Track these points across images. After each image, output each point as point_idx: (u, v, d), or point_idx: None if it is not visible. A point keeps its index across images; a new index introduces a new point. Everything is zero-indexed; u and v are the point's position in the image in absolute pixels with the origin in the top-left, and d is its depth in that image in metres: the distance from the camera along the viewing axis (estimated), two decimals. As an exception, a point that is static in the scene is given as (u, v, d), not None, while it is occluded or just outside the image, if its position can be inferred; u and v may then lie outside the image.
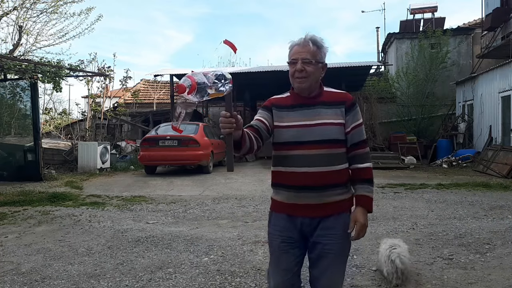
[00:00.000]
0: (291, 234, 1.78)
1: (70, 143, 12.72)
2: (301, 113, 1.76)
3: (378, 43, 22.09)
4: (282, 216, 1.80)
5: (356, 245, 4.00)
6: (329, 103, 1.77)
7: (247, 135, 1.63)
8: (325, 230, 1.74)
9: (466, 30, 17.77)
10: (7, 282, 3.17)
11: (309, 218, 1.75)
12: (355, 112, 1.79)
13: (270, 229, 1.86)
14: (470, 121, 13.60)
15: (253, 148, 1.66)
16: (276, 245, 1.80)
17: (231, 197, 6.91)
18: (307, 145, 1.71)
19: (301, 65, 1.71)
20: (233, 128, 1.50)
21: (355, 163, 1.80)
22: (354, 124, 1.78)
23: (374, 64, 16.58)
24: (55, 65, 9.35)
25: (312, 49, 1.72)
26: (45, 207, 6.19)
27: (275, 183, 1.83)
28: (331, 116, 1.74)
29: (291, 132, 1.74)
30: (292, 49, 1.77)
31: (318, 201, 1.72)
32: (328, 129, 1.72)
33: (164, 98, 21.15)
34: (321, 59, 1.76)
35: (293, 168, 1.73)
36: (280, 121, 1.77)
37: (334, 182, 1.73)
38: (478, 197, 6.62)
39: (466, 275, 3.20)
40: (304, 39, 1.74)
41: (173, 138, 10.20)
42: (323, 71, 1.80)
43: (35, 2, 12.06)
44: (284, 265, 1.79)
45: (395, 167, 11.42)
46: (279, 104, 1.82)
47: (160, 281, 3.15)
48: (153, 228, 4.81)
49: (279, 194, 1.82)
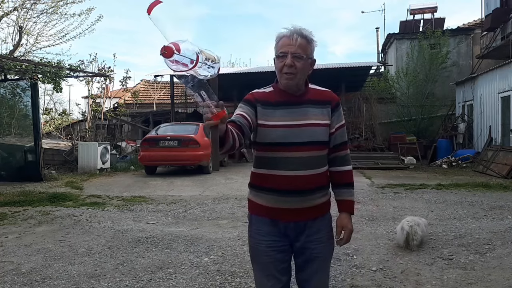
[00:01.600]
0: (276, 238, 1.68)
1: (70, 143, 12.72)
2: (288, 111, 1.63)
3: (378, 44, 22.10)
4: (264, 220, 1.69)
5: (356, 245, 4.01)
6: (316, 102, 1.68)
7: (230, 131, 1.41)
8: (312, 235, 1.69)
9: (466, 30, 17.78)
10: (7, 282, 3.17)
11: (293, 222, 1.67)
12: (339, 112, 1.73)
13: (252, 232, 1.73)
14: (470, 121, 13.61)
15: (235, 146, 1.44)
16: (262, 250, 1.69)
17: (231, 197, 6.91)
18: (294, 146, 1.60)
19: (291, 60, 1.56)
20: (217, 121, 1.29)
21: (337, 165, 1.75)
22: (338, 124, 1.72)
23: (374, 64, 16.60)
24: (56, 66, 9.36)
25: (302, 42, 1.58)
26: (45, 207, 6.19)
27: (256, 186, 1.72)
28: (318, 117, 1.65)
29: (278, 133, 1.60)
30: (279, 40, 1.61)
31: (302, 205, 1.65)
32: (316, 130, 1.64)
33: (164, 98, 21.17)
34: (310, 54, 1.62)
35: (279, 171, 1.62)
36: (265, 120, 1.62)
37: (319, 185, 1.67)
38: (478, 197, 6.62)
39: (466, 275, 3.20)
40: (293, 31, 1.58)
41: (173, 139, 10.21)
42: (311, 67, 1.67)
43: (35, 3, 12.06)
44: (273, 270, 1.67)
45: (395, 167, 11.43)
46: (264, 101, 1.65)
47: (160, 281, 3.16)
48: (153, 229, 4.82)
49: (259, 197, 1.70)
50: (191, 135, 10.23)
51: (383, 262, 3.53)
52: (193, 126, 10.94)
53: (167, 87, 20.55)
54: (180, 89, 20.73)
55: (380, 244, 4.06)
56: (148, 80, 22.86)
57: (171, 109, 15.85)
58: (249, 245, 1.77)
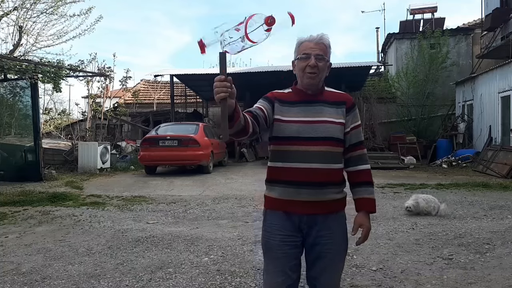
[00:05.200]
0: (290, 233, 1.73)
1: (70, 143, 12.71)
2: (304, 109, 1.75)
3: (378, 44, 22.07)
4: (278, 214, 1.75)
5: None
6: (331, 102, 1.78)
7: (243, 115, 1.52)
8: (323, 230, 1.73)
9: (466, 30, 17.76)
10: (7, 282, 3.17)
11: (306, 215, 1.72)
12: (355, 113, 1.82)
13: (267, 227, 1.79)
14: (469, 121, 13.61)
15: (247, 129, 1.54)
16: (275, 244, 1.74)
17: (231, 197, 6.91)
18: (309, 141, 1.70)
19: (315, 60, 1.71)
20: (228, 92, 1.38)
21: (354, 164, 1.82)
22: (354, 124, 1.81)
23: (374, 64, 16.59)
24: (55, 65, 9.36)
25: (323, 46, 1.74)
26: (45, 207, 6.19)
27: (271, 180, 1.79)
28: (332, 115, 1.75)
29: (294, 127, 1.71)
30: (301, 44, 1.76)
31: (315, 198, 1.71)
32: (330, 127, 1.73)
33: (164, 98, 21.15)
34: (329, 57, 1.78)
35: (292, 163, 1.71)
36: (282, 115, 1.74)
37: (331, 180, 1.74)
38: (477, 197, 6.62)
39: (466, 275, 3.20)
40: (315, 36, 1.76)
41: (173, 138, 10.22)
42: (328, 70, 1.80)
43: (35, 3, 12.05)
44: (284, 266, 1.72)
45: (395, 167, 11.43)
46: (282, 99, 1.78)
47: (160, 281, 3.16)
48: (153, 228, 4.82)
49: (274, 191, 1.77)
50: (191, 135, 10.24)
51: (383, 262, 3.53)
52: (193, 126, 10.95)
53: (167, 87, 20.53)
54: (180, 89, 20.73)
55: (380, 244, 4.06)
56: (148, 80, 22.85)
57: (171, 109, 15.85)
58: (262, 240, 1.82)
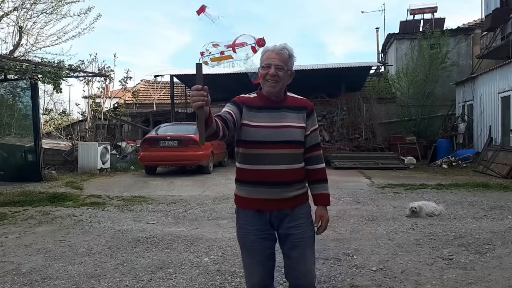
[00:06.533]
0: (263, 227, 1.90)
1: (70, 143, 12.70)
2: (270, 115, 1.89)
3: (378, 44, 22.07)
4: (250, 212, 1.92)
5: (356, 245, 4.02)
6: (293, 107, 1.94)
7: (214, 119, 1.63)
8: (293, 221, 1.91)
9: (466, 30, 17.75)
10: (8, 282, 3.17)
11: (276, 211, 1.90)
12: (314, 117, 2.00)
13: (241, 224, 1.95)
14: (470, 121, 13.60)
15: (218, 133, 1.67)
16: (251, 239, 1.91)
17: (231, 197, 6.85)
18: (276, 144, 1.85)
19: (274, 70, 1.84)
20: (204, 101, 1.50)
21: (312, 164, 1.99)
22: (313, 128, 1.98)
23: (374, 64, 16.57)
24: (56, 66, 9.36)
25: (285, 57, 1.87)
26: (46, 207, 6.19)
27: (242, 180, 1.94)
28: (295, 120, 1.91)
29: (262, 132, 1.85)
30: (264, 54, 1.90)
31: (284, 195, 1.88)
32: (294, 131, 1.89)
33: (164, 98, 21.14)
34: (290, 67, 1.90)
35: (262, 166, 1.86)
36: (250, 121, 1.87)
37: (297, 178, 1.92)
38: (478, 197, 6.62)
39: (466, 275, 3.20)
40: (278, 47, 1.88)
41: (173, 139, 10.21)
42: (291, 78, 1.94)
43: (35, 3, 12.06)
44: (261, 256, 1.90)
45: (395, 167, 11.43)
46: (248, 104, 1.91)
47: (160, 281, 3.16)
48: (153, 229, 4.82)
49: (245, 191, 1.93)
50: (191, 135, 10.22)
51: (383, 262, 3.53)
52: (193, 126, 10.90)
53: (167, 87, 20.53)
54: (180, 89, 20.73)
55: (380, 244, 4.06)
56: (148, 80, 22.83)
57: (171, 109, 15.84)
58: (238, 237, 1.99)
